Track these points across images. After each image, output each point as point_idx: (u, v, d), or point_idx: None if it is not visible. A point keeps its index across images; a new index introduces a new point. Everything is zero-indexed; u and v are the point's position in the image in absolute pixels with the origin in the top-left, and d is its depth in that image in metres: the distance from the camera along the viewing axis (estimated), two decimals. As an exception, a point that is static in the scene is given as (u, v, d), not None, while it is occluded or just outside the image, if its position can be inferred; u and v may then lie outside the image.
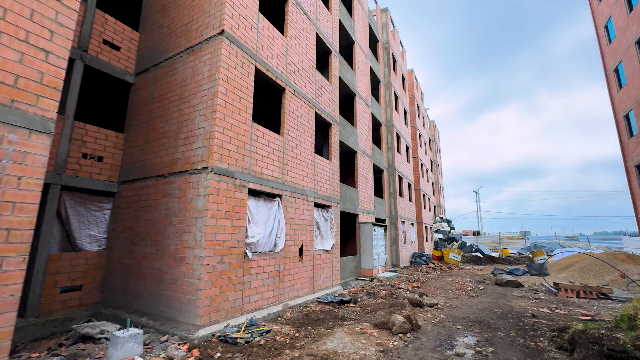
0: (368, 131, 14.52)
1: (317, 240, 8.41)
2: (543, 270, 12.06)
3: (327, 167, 9.28)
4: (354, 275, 11.55)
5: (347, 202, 11.45)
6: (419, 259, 17.79)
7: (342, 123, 11.82)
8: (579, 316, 6.27)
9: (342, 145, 11.84)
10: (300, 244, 7.47)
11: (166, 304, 5.19)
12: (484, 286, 10.23)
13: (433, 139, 36.82)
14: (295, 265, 7.18)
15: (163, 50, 6.83)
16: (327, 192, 9.11)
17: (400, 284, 10.55)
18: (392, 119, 17.71)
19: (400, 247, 16.24)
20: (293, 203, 7.35)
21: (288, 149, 7.40)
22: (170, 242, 5.40)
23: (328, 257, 8.73)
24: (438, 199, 35.30)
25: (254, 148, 6.26)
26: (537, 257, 15.49)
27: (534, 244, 31.90)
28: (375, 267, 12.22)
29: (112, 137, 6.79)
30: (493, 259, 20.71)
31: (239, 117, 5.95)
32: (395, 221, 16.47)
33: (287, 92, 7.60)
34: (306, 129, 8.25)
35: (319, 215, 8.66)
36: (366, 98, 14.70)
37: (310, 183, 8.20)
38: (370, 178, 14.07)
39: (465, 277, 12.31)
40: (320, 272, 8.23)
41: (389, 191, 16.93)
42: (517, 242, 38.15)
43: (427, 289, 9.64)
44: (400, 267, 15.86)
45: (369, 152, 14.33)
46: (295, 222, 7.37)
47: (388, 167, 17.20)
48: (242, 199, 5.78)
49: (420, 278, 12.05)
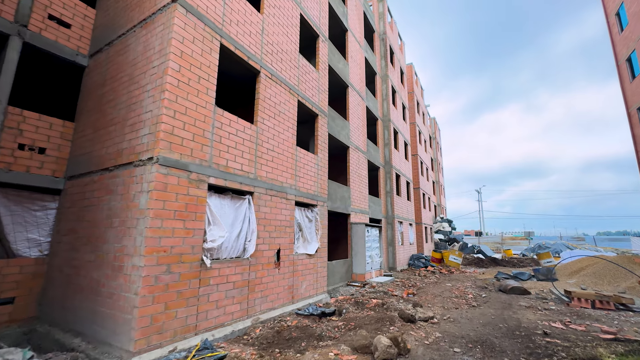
0: (362, 125, 13.60)
1: (298, 244, 7.50)
2: (551, 275, 11.10)
3: (312, 162, 8.37)
4: (345, 280, 10.64)
5: (337, 201, 10.54)
6: (418, 261, 16.85)
7: (332, 115, 10.91)
8: (598, 333, 5.34)
9: (332, 139, 10.92)
10: (277, 248, 6.57)
11: (101, 323, 4.30)
12: (487, 293, 9.29)
13: (434, 136, 35.82)
14: (270, 272, 6.28)
15: (117, 27, 5.95)
16: (312, 189, 8.21)
17: (394, 290, 9.63)
18: (389, 113, 16.77)
19: (397, 249, 15.30)
20: (268, 201, 6.45)
21: (262, 139, 6.49)
22: (110, 248, 4.51)
23: (312, 262, 7.82)
24: (439, 198, 34.31)
25: (217, 137, 5.36)
26: (543, 259, 14.51)
27: (538, 245, 30.84)
28: (369, 271, 11.30)
29: (58, 126, 5.90)
30: (496, 261, 19.72)
31: (197, 100, 5.05)
32: (392, 221, 15.53)
33: (262, 76, 6.70)
34: (286, 118, 7.35)
35: (301, 216, 7.75)
36: (360, 90, 13.78)
37: (291, 179, 7.29)
38: (364, 175, 13.15)
39: (466, 282, 11.36)
40: (302, 280, 7.32)
41: (386, 190, 16.00)
42: (520, 242, 37.10)
43: (423, 296, 8.71)
44: (397, 270, 14.92)
45: (363, 148, 13.41)
46: (271, 223, 6.46)
47: (384, 164, 16.27)
48: (199, 196, 4.88)
49: (417, 283, 11.12)
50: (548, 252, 14.63)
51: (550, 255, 14.41)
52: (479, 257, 20.93)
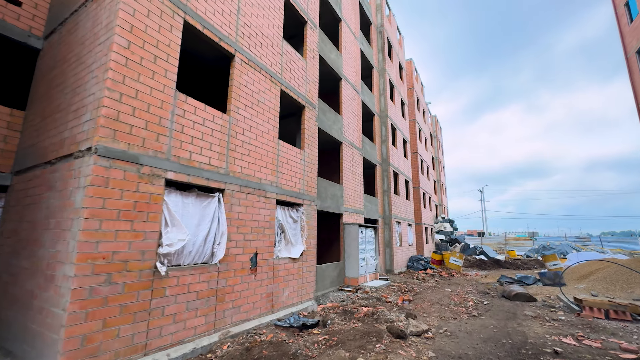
0: (357, 120, 12.90)
1: (280, 247, 6.82)
2: (558, 280, 10.35)
3: (298, 158, 7.69)
4: (337, 285, 9.95)
5: (327, 200, 9.85)
6: (417, 263, 16.12)
7: (323, 109, 10.22)
8: (617, 352, 4.62)
9: (322, 134, 10.23)
10: (254, 252, 5.89)
11: (31, 343, 3.64)
12: (489, 300, 8.56)
13: (435, 134, 35.03)
14: (244, 279, 5.60)
15: (71, 3, 5.29)
16: (297, 187, 7.52)
17: (389, 296, 8.92)
18: (386, 109, 16.05)
19: (394, 251, 14.59)
20: (243, 200, 5.77)
21: (237, 131, 5.82)
22: (45, 254, 3.85)
23: (296, 266, 7.14)
24: (440, 197, 33.51)
25: (177, 126, 4.69)
26: (549, 262, 13.74)
27: (543, 246, 29.98)
28: (362, 275, 10.61)
29: (4, 115, 5.26)
30: (499, 262, 18.95)
31: (153, 83, 4.38)
32: (389, 221, 14.82)
33: (237, 60, 6.02)
34: (266, 108, 6.67)
35: (284, 216, 7.07)
36: (355, 83, 13.08)
37: (271, 175, 6.61)
38: (359, 173, 12.45)
39: (466, 287, 10.64)
40: (284, 286, 6.64)
41: (383, 189, 15.29)
42: (524, 243, 36.19)
43: (419, 304, 8.00)
44: (394, 273, 14.21)
45: (358, 144, 12.71)
46: (246, 224, 5.78)
47: (382, 161, 15.55)
48: (153, 193, 4.21)
49: (414, 288, 10.41)
50: (554, 253, 13.86)
51: (556, 258, 13.63)
52: (481, 259, 20.17)
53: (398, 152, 17.19)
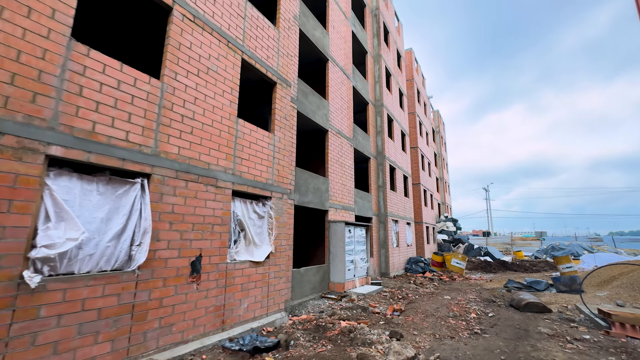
0: (347, 108, 11.65)
1: (238, 248, 5.60)
2: (576, 286, 9.00)
3: (266, 142, 6.47)
4: (319, 291, 8.72)
5: (309, 194, 8.62)
6: (416, 265, 14.82)
7: (304, 91, 9.00)
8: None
9: (303, 119, 9.01)
10: (196, 255, 4.68)
11: None
12: (495, 310, 7.27)
13: (437, 130, 33.61)
14: (180, 289, 4.39)
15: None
16: (264, 176, 6.30)
17: (377, 305, 7.67)
18: (382, 97, 14.77)
19: (390, 252, 13.30)
20: (181, 189, 4.57)
21: (174, 102, 4.62)
22: None
23: (260, 271, 5.92)
24: (443, 196, 32.09)
25: (72, 86, 3.49)
26: (562, 264, 12.33)
27: (552, 246, 28.44)
28: (350, 279, 9.36)
29: None
30: (505, 264, 17.56)
31: (30, 24, 3.19)
32: (384, 220, 13.54)
33: (176, 15, 4.82)
34: (220, 79, 5.46)
35: (245, 211, 5.85)
36: (345, 67, 11.83)
37: (226, 160, 5.40)
38: (349, 166, 11.20)
39: (469, 294, 9.33)
40: (242, 297, 5.42)
41: (378, 184, 14.00)
42: (531, 243, 34.58)
43: (411, 316, 6.73)
44: (389, 276, 12.92)
45: (348, 134, 11.46)
46: (186, 219, 4.58)
47: (377, 154, 14.28)
48: (22, 173, 3.02)
49: (409, 295, 9.13)
50: (567, 255, 12.46)
51: (569, 260, 12.22)
52: (486, 261, 18.79)
53: (395, 145, 15.89)
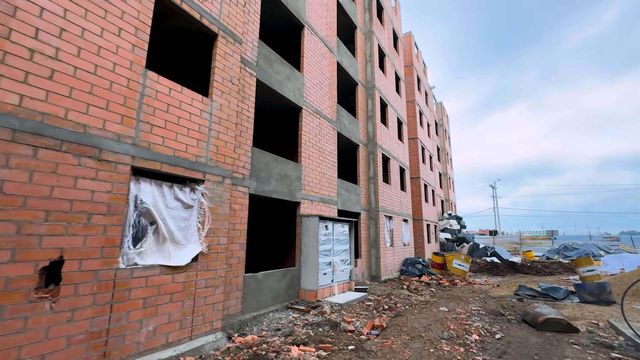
0: (329, 85, 10.04)
1: (144, 247, 4.04)
2: (605, 296, 7.26)
3: (197, 108, 4.90)
4: (286, 300, 7.12)
5: (271, 182, 7.03)
6: (412, 267, 13.15)
7: (269, 57, 7.42)
8: None
9: (266, 91, 7.44)
10: (54, 258, 3.13)
11: None
12: (504, 328, 5.62)
13: (441, 123, 31.75)
14: (12, 312, 2.85)
15: None
16: (192, 152, 4.73)
17: (354, 320, 6.07)
18: (373, 79, 13.11)
19: (382, 252, 11.65)
20: (24, 158, 3.03)
21: (21, 29, 3.08)
22: None
23: (181, 279, 4.36)
24: (447, 192, 30.24)
25: None
26: (582, 267, 10.59)
27: (564, 246, 26.45)
28: (326, 285, 7.76)
29: None
30: (514, 266, 15.77)
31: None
32: (375, 215, 11.89)
33: None
34: (116, 12, 3.90)
35: (160, 197, 4.29)
36: (327, 39, 10.22)
37: (121, 125, 3.84)
38: (330, 152, 9.59)
39: (471, 303, 7.66)
40: (145, 316, 3.86)
41: (368, 175, 12.36)
42: (541, 243, 32.47)
43: (391, 337, 5.10)
44: (380, 280, 11.28)
45: (330, 115, 9.85)
46: (30, 204, 3.03)
47: (367, 142, 12.62)
48: None
49: (397, 304, 7.50)
50: (588, 257, 10.70)
51: (591, 262, 10.48)
52: (492, 262, 17.01)
53: (390, 133, 14.22)
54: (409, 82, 20.60)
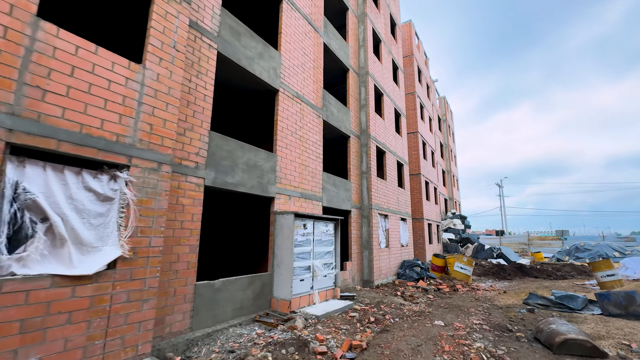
0: (314, 68, 9.00)
1: (28, 251, 3.04)
2: (635, 308, 6.09)
3: (121, 76, 3.89)
4: (255, 311, 6.09)
5: (237, 173, 6.01)
6: (410, 270, 12.04)
7: (235, 29, 6.41)
8: None
9: (231, 67, 6.43)
10: None
11: None
12: (511, 350, 4.52)
13: (444, 118, 30.49)
14: None
15: None
16: (112, 129, 3.72)
17: (328, 338, 5.02)
18: (367, 65, 12.03)
19: (376, 254, 10.57)
20: None
21: None
22: None
23: (87, 292, 3.35)
24: (450, 190, 28.97)
25: None
26: (600, 271, 9.40)
27: (576, 247, 25.04)
28: (304, 293, 6.71)
29: None
30: (522, 268, 14.53)
31: None
32: (368, 214, 10.81)
33: None
34: None
35: (58, 186, 3.29)
36: (311, 16, 9.18)
37: (-10, 87, 2.85)
38: (313, 142, 8.56)
39: (473, 315, 6.56)
40: (21, 345, 2.85)
41: (360, 169, 11.28)
42: (551, 243, 30.98)
43: (368, 365, 4.04)
44: (373, 285, 10.19)
45: (314, 101, 8.81)
46: None
47: (360, 133, 11.55)
48: None
49: (386, 316, 6.42)
50: (608, 260, 9.50)
51: (611, 265, 9.28)
52: (499, 264, 15.81)
53: (386, 125, 13.12)
54: (408, 73, 19.46)
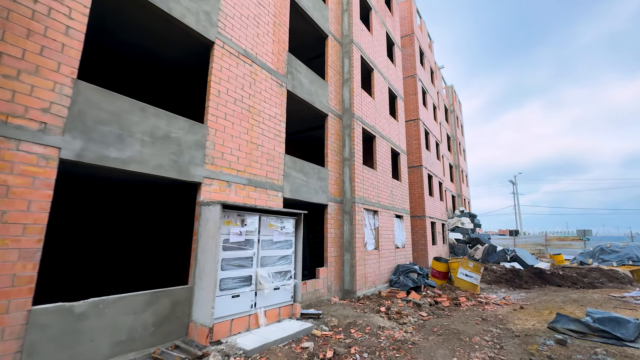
0: (273, 24, 7.16)
1: None
2: None
3: None
4: (159, 341, 4.26)
5: (132, 145, 4.19)
6: (405, 277, 10.05)
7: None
8: None
9: (132, 1, 4.63)
10: None
11: None
12: None
13: (452, 109, 28.19)
14: None
15: None
16: None
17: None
18: (351, 32, 10.10)
19: (360, 258, 8.64)
20: None
21: None
22: None
23: None
24: (459, 186, 26.66)
25: None
26: (648, 282, 7.20)
27: (600, 248, 22.39)
28: (239, 314, 4.86)
29: None
30: (542, 275, 12.30)
31: None
32: (350, 209, 8.88)
33: None
34: None
35: None
36: (272, -40, 7.32)
37: None
38: (272, 116, 6.71)
39: (476, 350, 4.58)
40: None
41: (342, 155, 9.37)
42: (571, 244, 28.21)
43: None
44: (355, 296, 8.27)
45: (274, 65, 6.96)
46: None
47: (342, 112, 9.63)
48: None
49: (352, 349, 4.50)
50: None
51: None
52: (513, 269, 13.58)
53: (376, 106, 11.15)
54: (409, 53, 17.39)
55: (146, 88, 8.08)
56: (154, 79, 7.65)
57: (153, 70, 7.18)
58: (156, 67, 7.06)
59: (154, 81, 7.74)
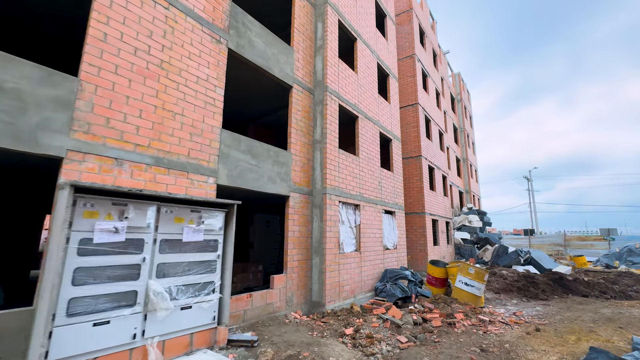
0: (208, -38, 5.56)
1: None
2: None
3: None
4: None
5: None
6: (393, 285, 8.34)
7: None
8: None
9: None
10: None
11: None
12: None
13: (459, 98, 26.08)
14: None
15: None
16: None
17: None
18: (327, -8, 8.42)
19: (331, 263, 6.98)
20: None
21: None
22: None
23: None
24: (467, 182, 24.56)
25: None
26: None
27: (628, 249, 20.05)
28: (104, 350, 3.28)
29: None
30: (562, 281, 10.31)
31: None
32: (321, 201, 7.23)
33: None
34: None
35: None
36: None
37: None
38: (203, 78, 5.14)
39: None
40: None
41: (313, 137, 7.72)
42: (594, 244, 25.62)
43: None
44: (324, 310, 6.61)
45: (205, 13, 5.38)
46: None
47: (313, 85, 7.98)
48: None
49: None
50: None
51: None
52: (527, 273, 11.64)
53: (360, 82, 9.44)
54: (407, 31, 15.56)
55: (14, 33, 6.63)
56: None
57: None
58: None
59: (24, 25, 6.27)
